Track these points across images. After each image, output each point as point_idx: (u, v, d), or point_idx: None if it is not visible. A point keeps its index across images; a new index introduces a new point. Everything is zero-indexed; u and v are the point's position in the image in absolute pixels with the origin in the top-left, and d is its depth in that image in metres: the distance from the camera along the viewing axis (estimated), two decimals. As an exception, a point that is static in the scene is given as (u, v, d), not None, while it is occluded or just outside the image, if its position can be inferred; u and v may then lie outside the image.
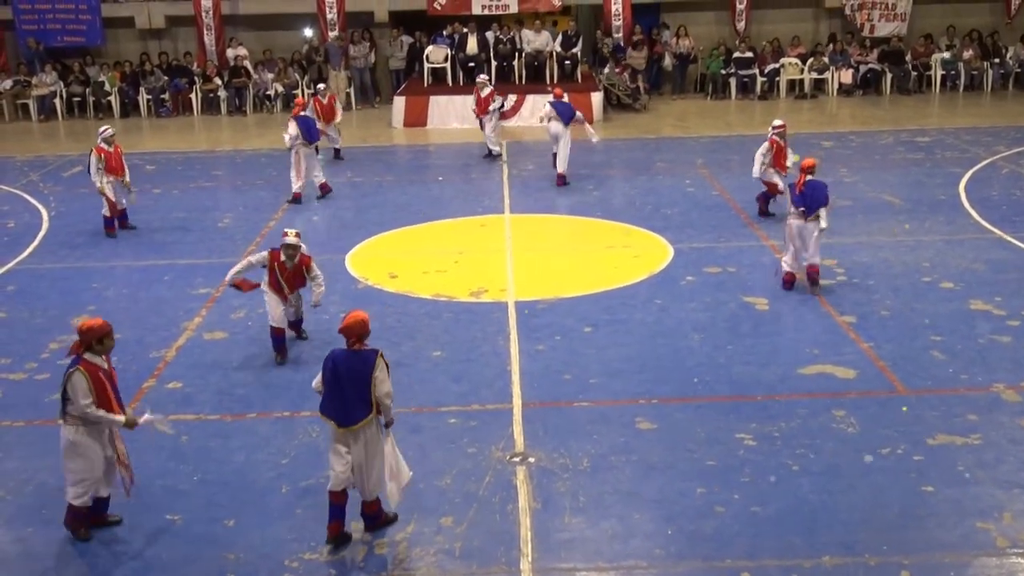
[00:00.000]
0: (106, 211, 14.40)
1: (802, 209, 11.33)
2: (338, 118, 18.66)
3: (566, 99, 17.57)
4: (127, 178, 14.56)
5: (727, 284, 11.96)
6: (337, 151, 19.10)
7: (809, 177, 11.41)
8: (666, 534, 7.07)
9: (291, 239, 9.87)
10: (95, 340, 7.07)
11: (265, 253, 10.11)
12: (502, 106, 19.13)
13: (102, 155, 14.16)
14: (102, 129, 14.48)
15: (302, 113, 16.26)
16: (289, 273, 9.98)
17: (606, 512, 7.34)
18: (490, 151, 18.92)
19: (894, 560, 6.72)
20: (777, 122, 13.53)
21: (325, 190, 16.42)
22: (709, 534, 7.04)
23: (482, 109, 18.50)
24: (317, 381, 7.13)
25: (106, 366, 7.15)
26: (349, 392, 6.89)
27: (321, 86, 19.35)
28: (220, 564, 6.89)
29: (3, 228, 15.32)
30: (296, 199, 15.98)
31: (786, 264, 11.71)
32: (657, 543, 6.98)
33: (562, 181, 16.77)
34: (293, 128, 15.62)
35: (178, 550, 7.03)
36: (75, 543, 7.15)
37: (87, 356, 7.05)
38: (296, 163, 15.86)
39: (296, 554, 6.95)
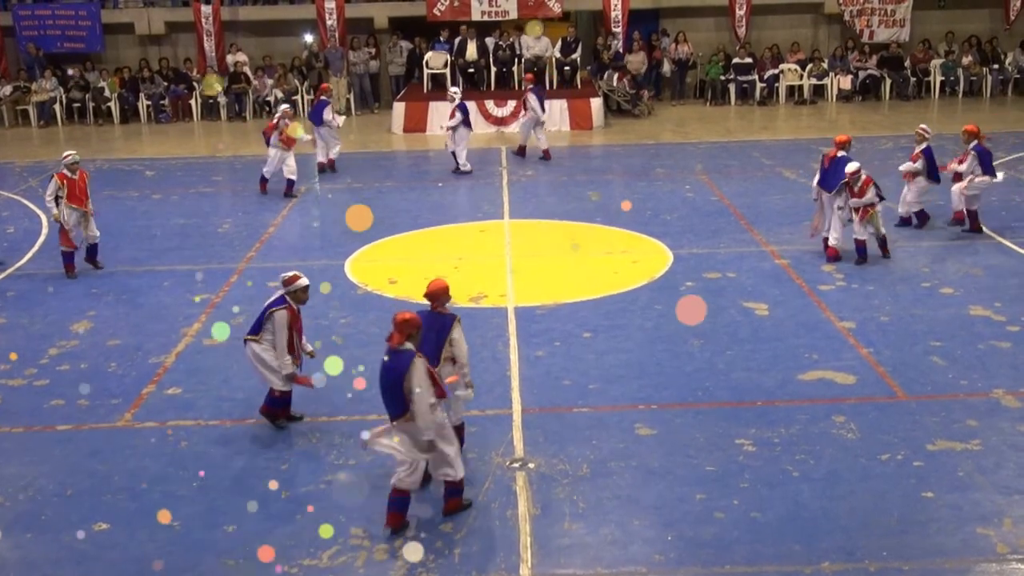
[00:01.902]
0: (63, 245, 12.97)
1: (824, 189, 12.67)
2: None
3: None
4: (90, 208, 13.03)
5: (727, 290, 11.96)
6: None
7: (841, 153, 12.60)
8: (665, 540, 7.06)
9: (304, 280, 8.59)
10: (415, 331, 7.11)
11: (283, 315, 8.46)
12: (460, 123, 17.99)
13: (64, 182, 12.78)
14: (65, 154, 13.04)
15: (322, 98, 18.33)
16: (299, 322, 8.70)
17: (605, 518, 7.34)
18: (457, 166, 18.22)
19: (894, 566, 6.71)
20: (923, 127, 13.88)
21: (321, 167, 18.46)
22: (708, 540, 7.03)
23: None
24: None
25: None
26: (425, 348, 7.26)
27: (285, 107, 17.22)
28: (220, 570, 6.88)
29: (3, 234, 15.31)
30: (319, 168, 18.38)
31: (823, 233, 12.95)
32: (656, 549, 6.98)
33: (550, 155, 19.19)
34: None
35: (177, 556, 7.02)
36: (73, 549, 7.14)
37: (410, 345, 7.06)
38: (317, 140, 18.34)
39: (296, 560, 6.95)
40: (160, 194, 17.46)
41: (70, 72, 24.82)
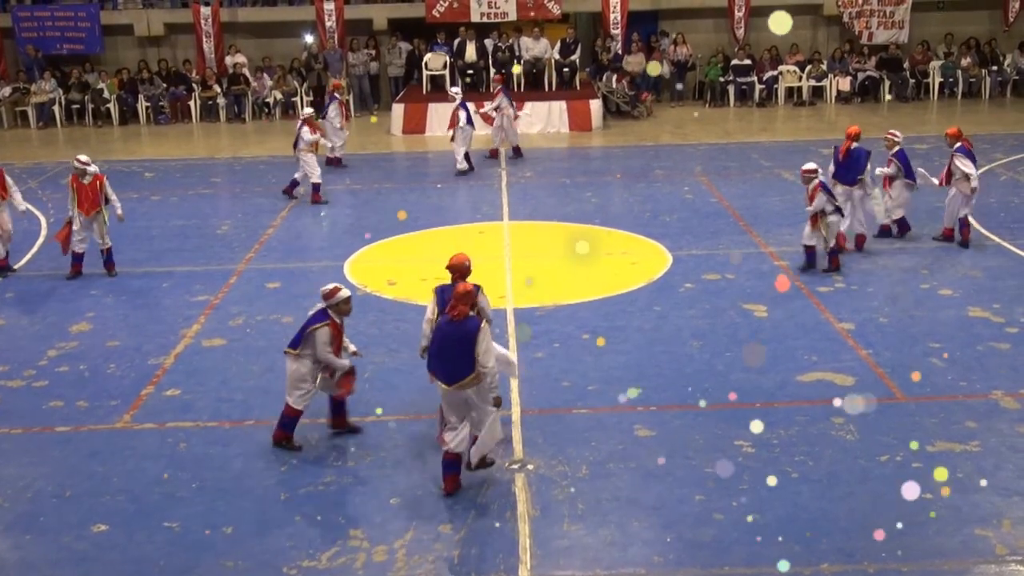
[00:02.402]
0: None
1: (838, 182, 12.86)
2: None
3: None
4: (106, 213, 12.84)
5: (726, 291, 11.96)
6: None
7: (854, 144, 12.85)
8: (665, 541, 7.06)
9: (345, 292, 8.41)
10: (474, 300, 7.65)
11: (324, 332, 8.26)
12: (465, 122, 17.94)
13: (74, 187, 12.66)
14: (76, 158, 12.88)
15: (334, 94, 19.01)
16: (341, 334, 8.51)
17: (605, 519, 7.34)
18: (463, 165, 18.22)
19: (893, 567, 6.71)
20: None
21: (331, 162, 18.99)
22: (708, 541, 7.03)
23: (451, 123, 18.10)
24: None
25: None
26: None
27: (308, 111, 17.50)
28: (218, 571, 6.88)
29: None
30: (327, 162, 18.74)
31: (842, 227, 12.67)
32: (656, 550, 6.97)
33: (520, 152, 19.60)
34: None
35: (176, 557, 7.02)
36: (72, 550, 7.14)
37: (472, 314, 7.60)
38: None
39: (295, 561, 6.94)
40: (159, 195, 17.46)
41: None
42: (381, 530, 7.27)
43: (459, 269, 8.26)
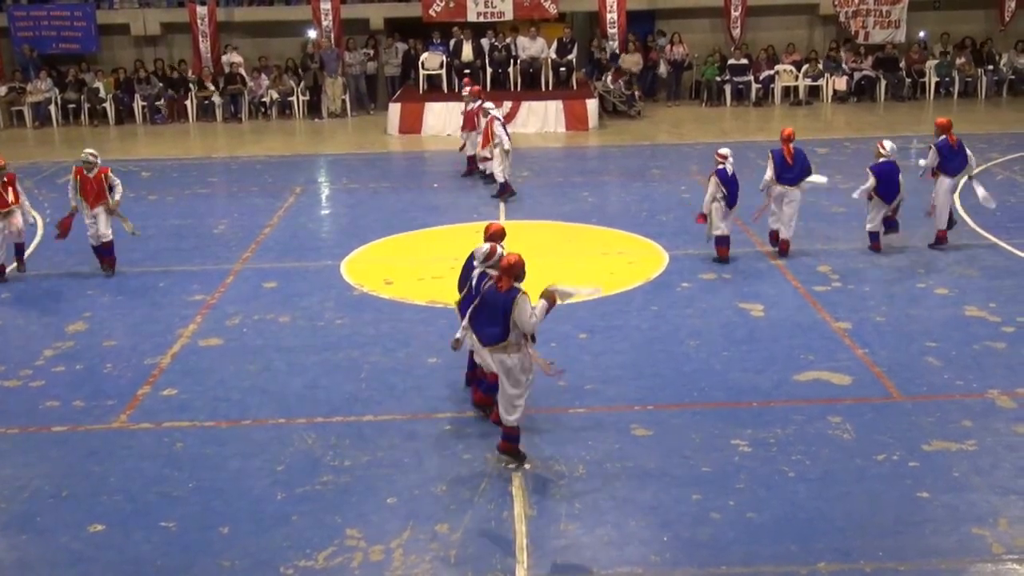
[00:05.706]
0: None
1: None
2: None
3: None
4: (112, 204, 12.89)
5: (722, 290, 11.98)
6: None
7: (792, 145, 12.86)
8: (661, 541, 7.06)
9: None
10: (519, 271, 7.92)
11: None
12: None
13: (78, 177, 12.85)
14: (87, 151, 13.10)
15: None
16: None
17: (602, 519, 7.34)
18: (491, 176, 17.16)
19: (889, 566, 6.72)
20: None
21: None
22: (704, 541, 7.04)
23: (470, 125, 17.72)
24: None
25: None
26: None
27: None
28: (215, 571, 6.87)
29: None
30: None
31: (773, 223, 13.19)
32: (653, 550, 6.98)
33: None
34: None
35: (173, 557, 7.01)
36: (69, 550, 7.13)
37: (518, 285, 7.87)
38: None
39: (291, 561, 6.94)
40: (155, 195, 17.44)
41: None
42: (378, 530, 7.26)
43: (489, 235, 9.11)
